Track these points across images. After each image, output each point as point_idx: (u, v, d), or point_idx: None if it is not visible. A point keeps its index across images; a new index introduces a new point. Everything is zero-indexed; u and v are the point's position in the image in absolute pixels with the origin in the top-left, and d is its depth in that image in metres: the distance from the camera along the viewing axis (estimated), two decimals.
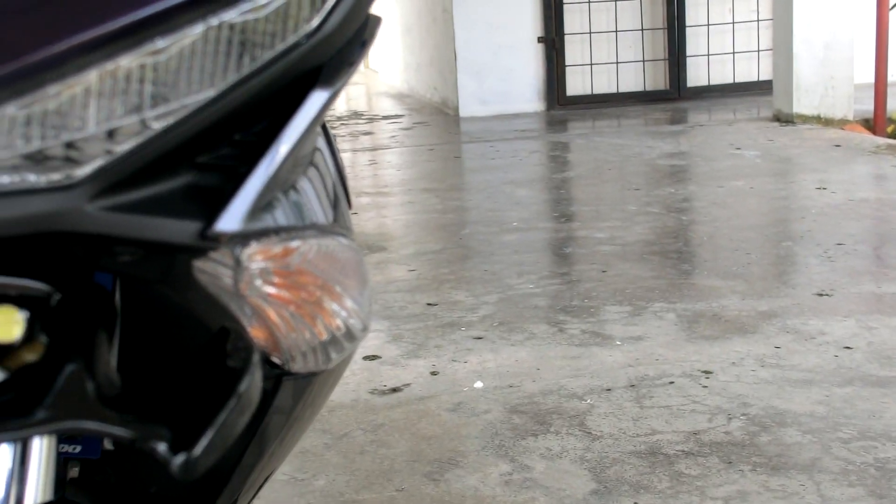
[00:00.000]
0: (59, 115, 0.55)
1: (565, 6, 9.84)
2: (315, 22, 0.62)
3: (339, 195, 0.75)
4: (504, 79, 9.85)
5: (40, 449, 0.80)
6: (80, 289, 0.62)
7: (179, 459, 0.55)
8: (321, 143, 0.76)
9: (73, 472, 1.06)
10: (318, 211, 0.70)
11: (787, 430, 2.54)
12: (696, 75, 10.12)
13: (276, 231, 0.65)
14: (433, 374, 3.11)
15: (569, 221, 5.17)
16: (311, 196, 0.69)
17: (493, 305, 3.77)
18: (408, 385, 3.03)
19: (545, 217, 5.35)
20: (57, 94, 0.55)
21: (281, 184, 0.64)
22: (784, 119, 7.71)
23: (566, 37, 9.89)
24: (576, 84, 10.01)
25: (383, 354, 3.31)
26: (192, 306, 0.67)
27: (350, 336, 0.75)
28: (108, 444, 1.04)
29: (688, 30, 10.04)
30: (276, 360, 0.71)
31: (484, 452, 2.53)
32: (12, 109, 0.54)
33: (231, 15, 0.58)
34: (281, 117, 0.64)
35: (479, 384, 3.00)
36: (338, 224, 0.73)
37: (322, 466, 2.51)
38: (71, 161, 0.56)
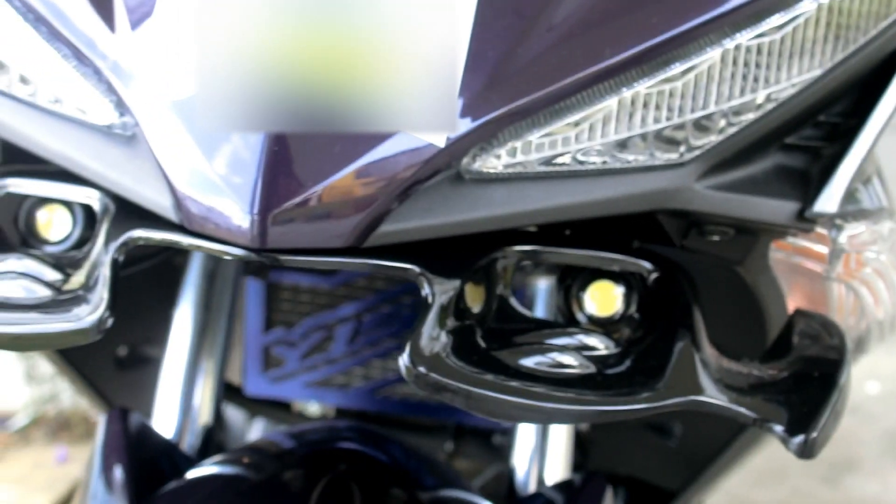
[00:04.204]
0: (682, 95, 0.57)
1: None
2: None
3: (885, 180, 0.73)
4: None
5: (560, 426, 0.82)
6: (672, 267, 0.64)
7: (798, 440, 0.55)
8: None
9: None
10: (882, 196, 0.68)
11: None
12: None
13: (866, 214, 0.64)
14: None
15: None
16: (876, 180, 0.68)
17: None
18: None
19: None
20: (681, 74, 0.56)
21: (864, 168, 0.63)
22: None
23: None
24: None
25: None
26: (757, 289, 0.68)
27: (892, 325, 0.73)
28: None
29: None
30: None
31: (883, 459, 2.39)
32: (643, 88, 0.56)
33: None
34: (860, 99, 0.62)
35: (873, 387, 2.84)
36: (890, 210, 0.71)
37: None
38: (686, 140, 0.57)
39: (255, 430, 1.25)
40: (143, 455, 0.76)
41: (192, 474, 0.73)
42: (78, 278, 0.63)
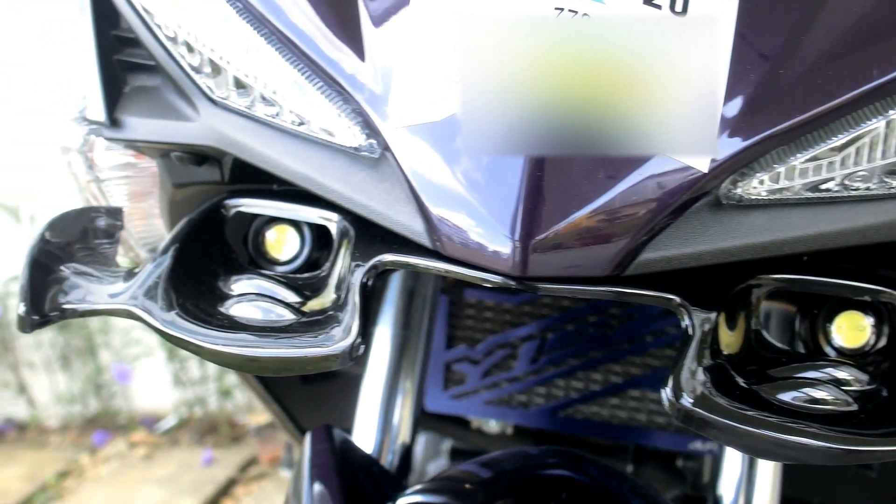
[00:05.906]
0: None
1: None
2: None
3: None
4: None
5: None
6: None
7: None
8: None
9: None
10: None
11: None
12: None
13: None
14: None
15: None
16: None
17: None
18: None
19: None
20: None
21: None
22: None
23: None
24: None
25: None
26: None
27: None
28: None
29: None
30: None
31: None
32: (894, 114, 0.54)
33: None
34: None
35: None
36: None
37: None
38: None
39: (419, 444, 1.25)
40: (346, 471, 0.76)
41: (401, 502, 0.72)
42: (320, 301, 0.62)
